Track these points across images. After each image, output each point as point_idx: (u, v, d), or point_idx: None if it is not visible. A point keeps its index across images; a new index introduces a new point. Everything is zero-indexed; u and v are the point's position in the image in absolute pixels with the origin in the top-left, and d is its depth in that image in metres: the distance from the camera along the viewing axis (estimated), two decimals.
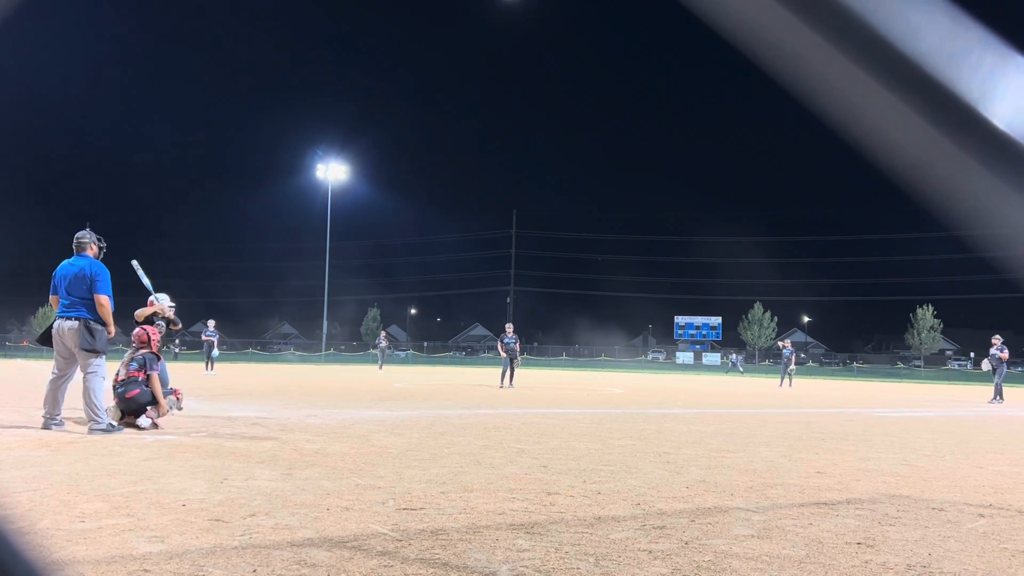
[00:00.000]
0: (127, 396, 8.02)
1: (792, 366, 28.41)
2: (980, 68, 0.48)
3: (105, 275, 7.71)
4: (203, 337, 27.18)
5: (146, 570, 3.01)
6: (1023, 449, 8.50)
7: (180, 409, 8.48)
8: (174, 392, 8.46)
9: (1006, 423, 12.87)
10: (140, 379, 8.11)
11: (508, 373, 21.37)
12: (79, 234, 7.86)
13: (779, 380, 29.78)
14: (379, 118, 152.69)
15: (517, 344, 22.02)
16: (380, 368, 36.12)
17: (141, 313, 8.97)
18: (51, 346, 7.78)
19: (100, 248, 8.05)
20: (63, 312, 7.65)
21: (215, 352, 27.29)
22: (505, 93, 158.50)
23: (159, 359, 8.42)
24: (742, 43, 0.55)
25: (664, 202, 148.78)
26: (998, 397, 20.23)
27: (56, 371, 7.85)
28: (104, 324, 7.71)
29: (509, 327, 22.59)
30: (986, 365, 21.25)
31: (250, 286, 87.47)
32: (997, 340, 20.85)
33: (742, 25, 0.54)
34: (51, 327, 7.77)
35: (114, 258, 8.33)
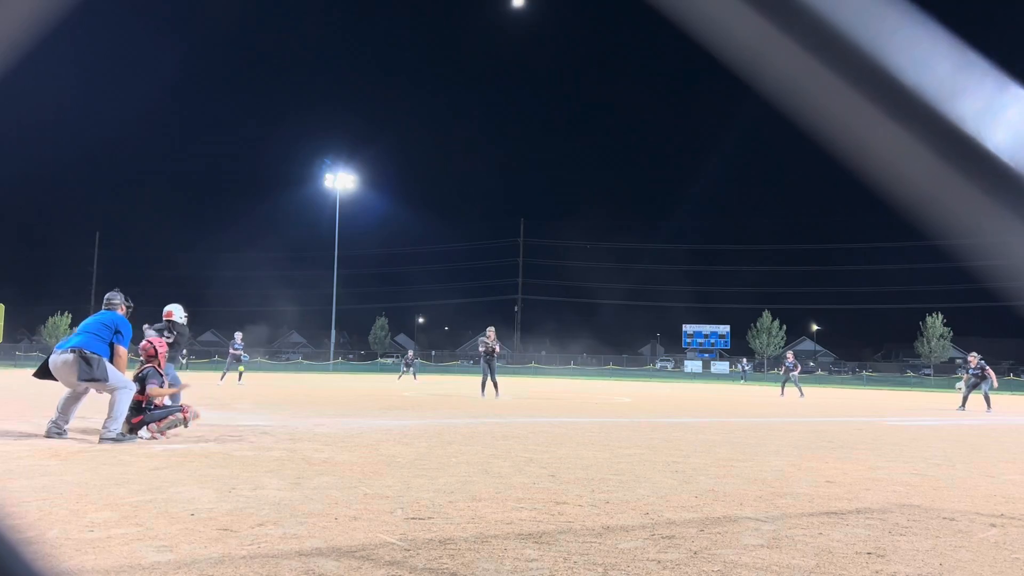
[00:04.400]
0: (132, 420, 8.00)
1: (794, 373, 28.17)
2: (978, 95, 0.48)
3: (129, 331, 8.08)
4: (231, 351, 28.28)
5: None
6: None
7: (187, 427, 8.44)
8: (182, 410, 8.38)
9: (1017, 432, 12.79)
10: (144, 404, 8.09)
11: (490, 381, 20.16)
12: (109, 295, 8.34)
13: (780, 389, 29.98)
14: (387, 127, 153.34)
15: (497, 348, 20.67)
16: (413, 378, 38.21)
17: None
18: (51, 378, 7.84)
19: (128, 308, 8.45)
20: (60, 345, 7.82)
21: (244, 357, 29.46)
22: (513, 101, 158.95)
23: (163, 374, 8.41)
24: (747, 63, 0.55)
25: (672, 210, 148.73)
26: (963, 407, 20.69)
27: (68, 391, 7.98)
28: (102, 360, 7.74)
29: (491, 331, 20.65)
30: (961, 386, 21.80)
31: (258, 295, 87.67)
32: (974, 359, 21.37)
33: (750, 44, 0.54)
34: (47, 361, 7.87)
35: (128, 281, 8.66)
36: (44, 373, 7.83)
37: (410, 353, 41.68)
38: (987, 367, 21.01)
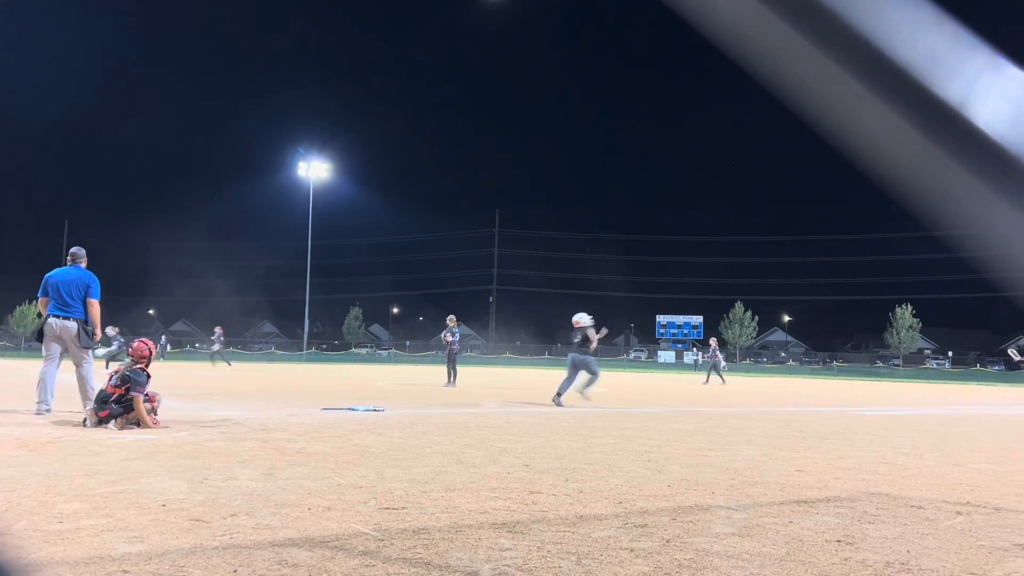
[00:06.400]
0: (100, 415, 7.92)
1: (716, 361, 28.92)
2: (963, 70, 0.48)
3: (97, 283, 8.98)
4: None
5: (125, 571, 2.98)
6: (1000, 447, 8.60)
7: (156, 415, 8.35)
8: (150, 399, 8.30)
9: (984, 421, 13.01)
10: (113, 399, 7.99)
11: (453, 370, 20.30)
12: (75, 249, 9.09)
13: (705, 377, 30.21)
14: (361, 116, 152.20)
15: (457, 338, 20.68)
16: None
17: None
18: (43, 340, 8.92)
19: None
20: (61, 311, 8.73)
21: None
22: (488, 92, 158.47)
23: (150, 376, 8.32)
24: (726, 44, 0.55)
25: (646, 201, 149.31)
26: None
27: (48, 356, 8.91)
28: (92, 326, 8.92)
29: (452, 318, 20.78)
30: (1016, 355, 20.93)
31: (230, 285, 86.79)
32: None
33: (727, 27, 0.54)
34: (43, 325, 8.86)
35: (96, 260, 9.58)
36: (41, 336, 8.89)
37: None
38: None
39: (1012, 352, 20.72)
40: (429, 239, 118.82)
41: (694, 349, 58.07)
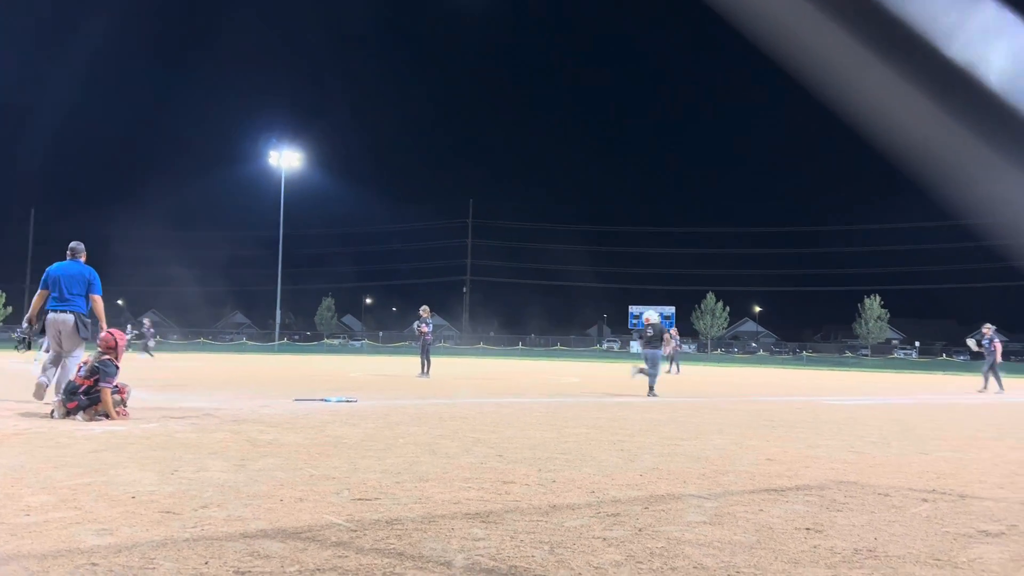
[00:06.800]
0: (68, 406, 7.83)
1: (672, 350, 29.14)
2: (969, 26, 0.48)
3: (98, 278, 9.14)
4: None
5: (94, 564, 2.95)
6: (965, 436, 8.75)
7: (125, 406, 8.26)
8: (119, 390, 8.21)
9: (948, 410, 13.23)
10: (81, 390, 7.89)
11: (426, 361, 20.29)
12: (74, 245, 9.18)
13: (669, 366, 30.41)
14: (334, 106, 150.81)
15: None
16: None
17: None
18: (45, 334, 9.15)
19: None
20: (60, 306, 8.91)
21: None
22: (461, 82, 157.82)
23: (118, 368, 8.21)
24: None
25: (619, 193, 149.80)
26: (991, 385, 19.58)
27: (52, 353, 9.14)
28: (93, 318, 9.02)
29: (426, 309, 20.72)
30: (974, 346, 20.86)
31: (201, 275, 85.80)
32: (988, 330, 19.92)
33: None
34: (44, 318, 9.04)
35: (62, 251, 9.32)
36: (43, 331, 9.07)
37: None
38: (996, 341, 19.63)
39: (970, 343, 21.05)
40: (402, 229, 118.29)
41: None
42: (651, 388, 14.49)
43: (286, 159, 57.46)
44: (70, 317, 8.86)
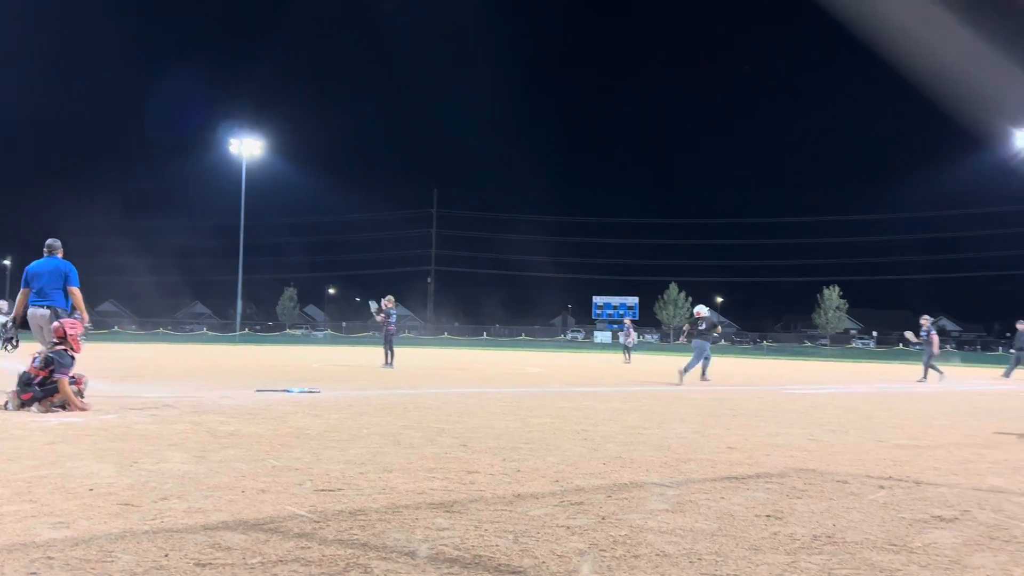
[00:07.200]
0: (23, 397, 7.69)
1: (629, 340, 31.77)
2: None
3: (75, 271, 9.32)
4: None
5: (50, 557, 2.90)
6: (921, 424, 8.93)
7: (82, 398, 8.12)
8: (76, 381, 8.07)
9: (906, 399, 13.49)
10: (36, 381, 7.74)
11: (390, 351, 20.06)
12: (50, 241, 9.42)
13: (623, 356, 32.27)
14: (295, 93, 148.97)
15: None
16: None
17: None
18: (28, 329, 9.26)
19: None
20: (39, 302, 9.11)
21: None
22: (423, 70, 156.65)
23: (74, 358, 8.06)
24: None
25: (582, 184, 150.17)
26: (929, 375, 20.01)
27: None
28: (76, 312, 9.20)
29: (390, 299, 20.52)
30: (912, 337, 21.44)
31: (160, 264, 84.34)
32: (926, 321, 20.72)
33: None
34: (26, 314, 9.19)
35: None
36: (24, 324, 9.18)
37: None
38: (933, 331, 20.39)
39: (908, 335, 21.60)
40: (365, 219, 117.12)
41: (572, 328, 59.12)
42: (704, 373, 16.61)
43: (247, 147, 56.71)
44: (47, 312, 9.09)
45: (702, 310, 17.06)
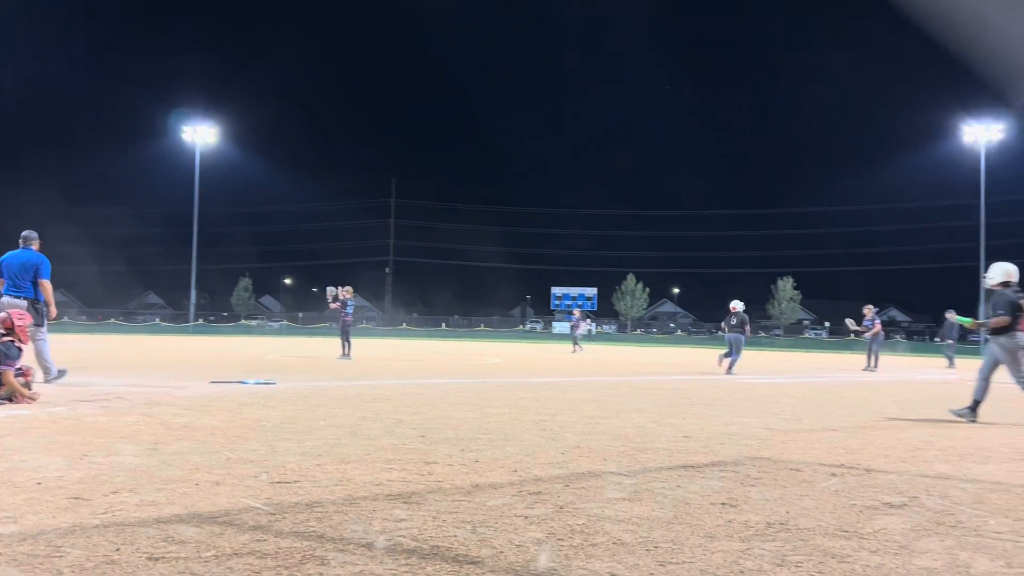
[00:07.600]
0: None
1: (579, 331, 32.54)
2: None
3: (47, 264, 9.67)
4: None
5: None
6: (872, 413, 9.12)
7: (29, 390, 7.94)
8: (23, 373, 7.89)
9: (857, 388, 13.77)
10: None
11: (347, 342, 19.75)
12: (26, 232, 9.74)
13: (572, 347, 32.40)
14: (248, 80, 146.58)
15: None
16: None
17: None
18: None
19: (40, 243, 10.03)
20: (13, 292, 9.42)
21: None
22: (382, 60, 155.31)
23: (21, 350, 7.86)
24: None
25: (540, 176, 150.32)
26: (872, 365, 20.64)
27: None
28: (45, 304, 9.67)
29: (349, 289, 20.32)
30: (852, 325, 21.91)
31: (111, 253, 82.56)
32: (869, 311, 21.59)
33: None
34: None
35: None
36: None
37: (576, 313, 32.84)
38: (878, 320, 21.14)
39: (849, 322, 22.04)
40: (324, 209, 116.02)
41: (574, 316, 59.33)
42: (731, 367, 17.00)
43: (200, 134, 55.75)
44: (23, 303, 9.37)
45: (736, 305, 17.59)
